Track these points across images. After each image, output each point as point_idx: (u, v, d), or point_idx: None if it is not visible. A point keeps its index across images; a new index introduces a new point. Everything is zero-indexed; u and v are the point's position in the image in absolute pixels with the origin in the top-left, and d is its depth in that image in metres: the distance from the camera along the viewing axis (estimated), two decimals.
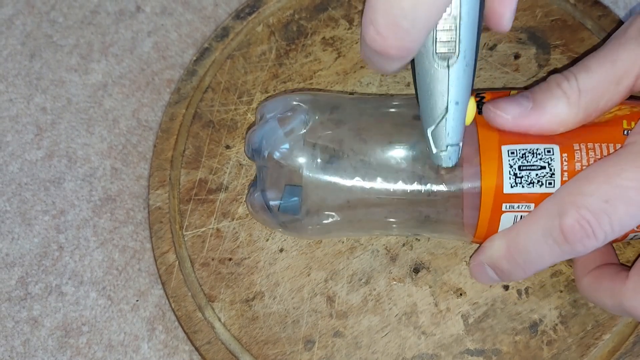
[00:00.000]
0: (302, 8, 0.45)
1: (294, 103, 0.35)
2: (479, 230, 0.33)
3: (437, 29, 0.28)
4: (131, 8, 0.49)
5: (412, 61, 0.31)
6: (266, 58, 0.44)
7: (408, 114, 0.35)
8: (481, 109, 0.33)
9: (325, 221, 0.34)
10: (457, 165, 0.32)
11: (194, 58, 0.45)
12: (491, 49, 0.43)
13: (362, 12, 0.45)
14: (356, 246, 0.38)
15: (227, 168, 0.41)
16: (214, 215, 0.40)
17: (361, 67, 0.43)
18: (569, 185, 0.30)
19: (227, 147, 0.41)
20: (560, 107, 0.31)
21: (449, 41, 0.28)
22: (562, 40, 0.43)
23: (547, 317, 0.36)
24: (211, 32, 0.47)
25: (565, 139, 0.31)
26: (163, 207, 0.41)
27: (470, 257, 0.35)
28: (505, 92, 0.34)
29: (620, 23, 0.43)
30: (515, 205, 0.32)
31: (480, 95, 0.34)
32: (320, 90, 0.43)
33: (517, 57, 0.42)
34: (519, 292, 0.37)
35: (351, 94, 0.42)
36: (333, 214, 0.34)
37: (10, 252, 0.42)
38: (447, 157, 0.31)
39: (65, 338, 0.40)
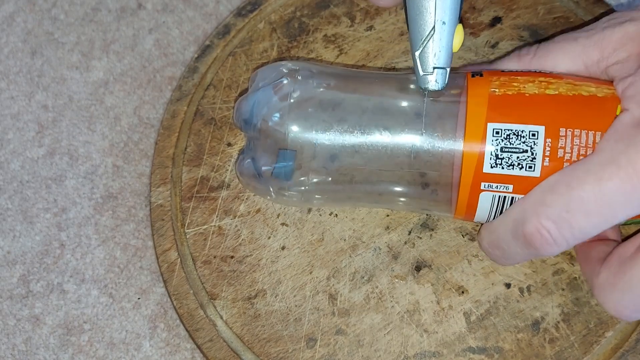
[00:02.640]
0: (304, 5, 0.45)
1: (286, 70, 0.35)
2: (458, 205, 0.34)
3: None
4: (132, 5, 0.49)
5: None
6: (268, 55, 0.44)
7: (401, 77, 0.35)
8: (475, 75, 0.33)
9: (316, 183, 0.35)
10: (443, 116, 0.32)
11: (196, 55, 0.45)
12: (493, 46, 0.43)
13: (364, 9, 0.45)
14: (358, 244, 0.38)
15: (229, 165, 0.41)
16: (216, 213, 0.40)
17: (363, 64, 0.43)
18: (535, 194, 0.31)
19: (229, 144, 0.41)
20: (511, 63, 0.35)
21: None
22: None
23: (550, 315, 0.36)
24: (213, 29, 0.47)
25: (554, 119, 0.31)
26: (165, 205, 0.41)
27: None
28: (499, 72, 0.34)
29: None
30: (494, 185, 0.32)
31: (478, 71, 0.34)
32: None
33: None
34: (521, 290, 0.37)
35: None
36: (324, 176, 0.34)
37: (11, 249, 0.42)
38: (434, 80, 0.31)
39: (67, 336, 0.40)
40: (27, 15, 0.49)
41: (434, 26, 0.30)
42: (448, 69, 0.31)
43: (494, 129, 0.32)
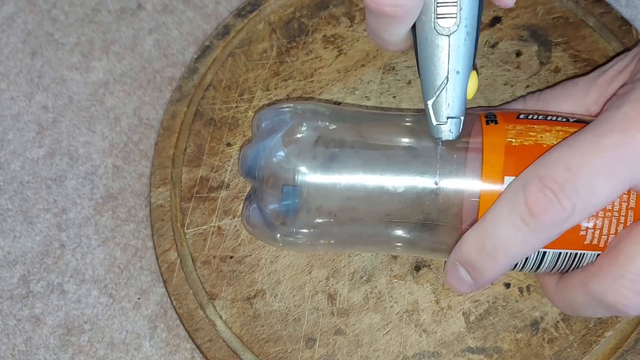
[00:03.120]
0: (303, 6, 0.45)
1: (290, 114, 0.34)
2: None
3: None
4: (132, 6, 0.49)
5: (414, 33, 0.30)
6: (267, 56, 0.44)
7: (411, 121, 0.34)
8: (489, 122, 0.32)
9: (323, 228, 0.34)
10: (457, 169, 0.31)
11: (195, 56, 0.45)
12: (492, 46, 0.43)
13: (363, 9, 0.45)
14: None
15: (229, 166, 0.41)
16: (216, 213, 0.40)
17: (362, 65, 0.43)
18: (533, 163, 0.29)
19: (229, 144, 0.41)
20: (516, 107, 0.36)
21: (449, 5, 0.28)
22: (564, 37, 0.43)
23: (549, 315, 0.36)
24: (212, 30, 0.47)
25: None
26: (164, 205, 0.41)
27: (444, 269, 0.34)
28: (514, 112, 0.33)
29: (622, 20, 0.43)
30: None
31: (491, 113, 0.33)
32: (309, 98, 0.43)
33: (518, 54, 0.42)
34: (520, 289, 0.37)
35: (338, 104, 0.41)
36: (331, 220, 0.33)
37: (12, 250, 0.42)
38: (448, 130, 0.30)
39: (67, 336, 0.40)
40: (27, 16, 0.49)
41: (447, 76, 0.29)
42: (462, 118, 0.30)
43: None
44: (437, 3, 0.29)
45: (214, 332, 0.37)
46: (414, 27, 0.30)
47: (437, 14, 0.29)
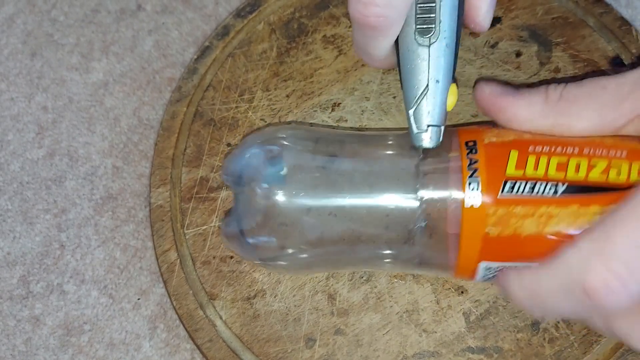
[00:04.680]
0: (303, 6, 0.45)
1: (277, 135, 0.34)
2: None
3: (418, 6, 0.30)
4: (132, 7, 0.49)
5: (397, 47, 0.32)
6: (267, 56, 0.44)
7: (391, 138, 0.35)
8: (469, 203, 0.31)
9: (307, 250, 0.34)
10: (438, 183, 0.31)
11: (195, 56, 0.45)
12: (492, 46, 0.43)
13: None
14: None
15: None
16: (216, 214, 0.40)
17: (362, 65, 0.43)
18: (587, 245, 0.27)
19: (229, 145, 0.41)
20: (537, 101, 0.31)
21: (429, 18, 0.30)
22: (564, 37, 0.43)
23: None
24: (212, 31, 0.47)
25: (549, 256, 0.30)
26: (164, 206, 0.41)
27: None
28: (501, 173, 0.31)
29: (622, 20, 0.43)
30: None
31: (473, 168, 0.32)
32: (307, 98, 0.43)
33: (518, 55, 0.42)
34: None
35: (333, 127, 0.41)
36: (318, 242, 0.33)
37: (11, 250, 0.42)
38: (428, 137, 0.31)
39: (67, 337, 0.40)
40: (27, 17, 0.49)
41: (427, 84, 0.31)
42: (442, 127, 0.31)
43: (485, 267, 0.31)
44: (418, 16, 0.30)
45: (214, 332, 0.37)
46: (396, 41, 0.32)
47: (418, 27, 0.30)
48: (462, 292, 0.37)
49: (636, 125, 0.31)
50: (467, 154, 0.31)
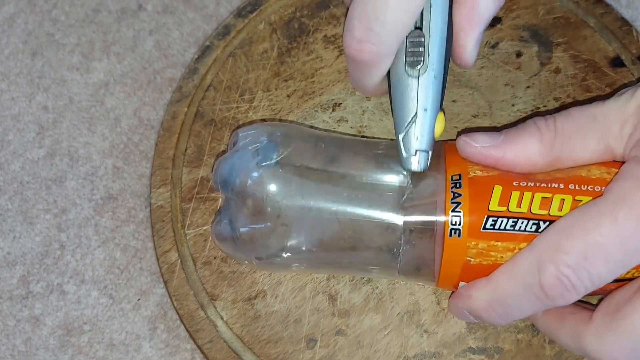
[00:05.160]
0: (304, 6, 0.45)
1: (267, 132, 0.35)
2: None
3: (408, 41, 0.32)
4: (133, 6, 0.49)
5: (388, 77, 0.33)
6: (268, 56, 0.44)
7: (382, 143, 0.35)
8: (453, 233, 0.32)
9: (294, 250, 0.34)
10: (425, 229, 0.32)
11: (196, 56, 0.45)
12: (493, 47, 0.43)
13: None
14: (358, 245, 0.38)
15: None
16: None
17: None
18: (547, 239, 0.29)
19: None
20: (532, 142, 0.31)
21: (418, 52, 0.32)
22: (565, 38, 0.43)
23: None
24: (213, 30, 0.47)
25: None
26: (165, 206, 0.41)
27: (449, 297, 0.34)
28: (482, 216, 0.31)
29: (622, 21, 0.43)
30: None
31: (456, 202, 0.32)
32: (289, 121, 0.43)
33: (519, 55, 0.42)
34: None
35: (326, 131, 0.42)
36: (304, 241, 0.33)
37: (11, 250, 0.42)
38: (416, 161, 0.32)
39: (67, 337, 0.40)
40: (28, 17, 0.49)
41: (416, 112, 0.32)
42: (430, 152, 0.32)
43: (465, 284, 0.32)
44: (408, 50, 0.32)
45: (215, 332, 0.37)
46: (388, 72, 0.33)
47: (408, 59, 0.32)
48: None
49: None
50: (452, 188, 0.32)
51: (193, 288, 0.38)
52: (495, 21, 0.43)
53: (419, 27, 0.32)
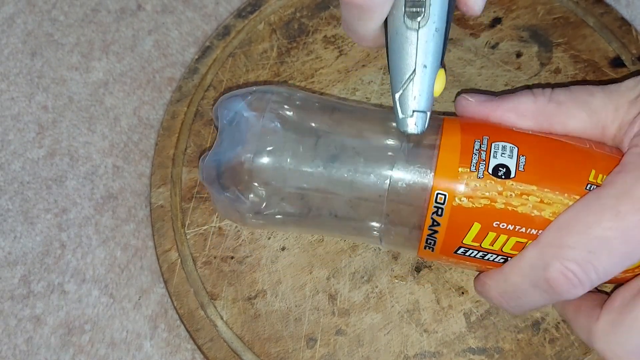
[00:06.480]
0: (304, 6, 0.45)
1: (264, 88, 0.34)
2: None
3: None
4: (132, 6, 0.49)
5: (386, 29, 0.31)
6: (268, 56, 0.44)
7: (378, 114, 0.35)
8: (427, 247, 0.33)
9: (286, 210, 0.34)
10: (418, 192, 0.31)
11: (196, 56, 0.45)
12: (493, 47, 0.43)
13: None
14: (358, 244, 0.38)
15: None
16: (216, 214, 0.40)
17: (363, 65, 0.43)
18: (551, 235, 0.29)
19: None
20: (525, 101, 0.32)
21: (418, 2, 0.29)
22: (565, 38, 0.43)
23: (550, 315, 0.36)
24: (212, 30, 0.47)
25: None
26: (165, 205, 0.41)
27: (474, 278, 0.35)
28: (457, 242, 0.32)
29: (622, 20, 0.43)
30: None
31: (433, 236, 0.32)
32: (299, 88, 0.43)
33: (519, 55, 0.42)
34: None
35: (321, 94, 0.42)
36: (294, 203, 0.33)
37: (12, 250, 0.42)
38: (413, 123, 0.30)
39: (68, 336, 0.40)
40: (27, 17, 0.49)
41: (414, 69, 0.30)
42: (428, 113, 0.30)
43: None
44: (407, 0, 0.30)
45: (215, 332, 0.37)
46: (386, 22, 0.31)
47: (407, 10, 0.30)
48: (462, 293, 0.37)
49: (627, 132, 0.31)
50: (433, 213, 0.31)
51: (193, 287, 0.38)
52: (495, 21, 0.43)
53: None
